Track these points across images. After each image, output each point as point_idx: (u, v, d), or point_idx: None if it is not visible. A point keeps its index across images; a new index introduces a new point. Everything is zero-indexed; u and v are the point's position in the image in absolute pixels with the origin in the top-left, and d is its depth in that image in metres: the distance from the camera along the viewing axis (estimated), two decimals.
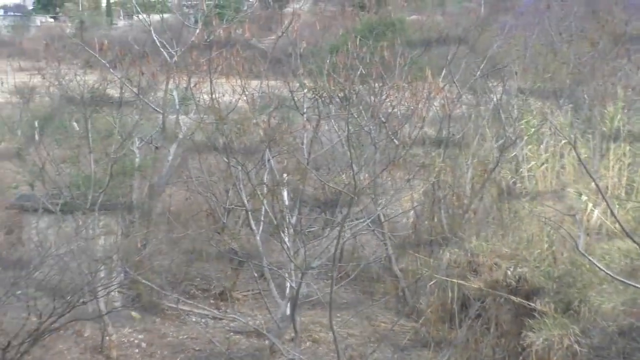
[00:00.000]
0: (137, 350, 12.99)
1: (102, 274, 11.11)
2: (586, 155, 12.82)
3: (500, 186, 13.93)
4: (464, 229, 13.38)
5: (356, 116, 12.09)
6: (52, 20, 71.14)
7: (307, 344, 12.85)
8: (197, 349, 13.12)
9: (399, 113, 12.45)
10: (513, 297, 10.99)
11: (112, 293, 12.38)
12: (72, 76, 14.71)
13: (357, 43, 11.31)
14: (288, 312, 11.56)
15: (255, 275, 12.69)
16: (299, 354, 10.24)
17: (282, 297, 12.27)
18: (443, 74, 14.71)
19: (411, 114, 11.79)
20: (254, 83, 13.89)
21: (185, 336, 13.62)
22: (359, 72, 11.21)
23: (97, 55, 14.39)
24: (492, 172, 13.99)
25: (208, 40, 12.98)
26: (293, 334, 10.76)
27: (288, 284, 11.50)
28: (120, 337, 13.15)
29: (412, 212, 14.92)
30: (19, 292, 9.92)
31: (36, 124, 18.08)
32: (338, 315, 13.25)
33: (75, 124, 15.39)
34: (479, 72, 15.29)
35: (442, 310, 12.55)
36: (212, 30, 14.30)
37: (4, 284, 9.67)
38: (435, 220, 14.87)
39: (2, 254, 12.99)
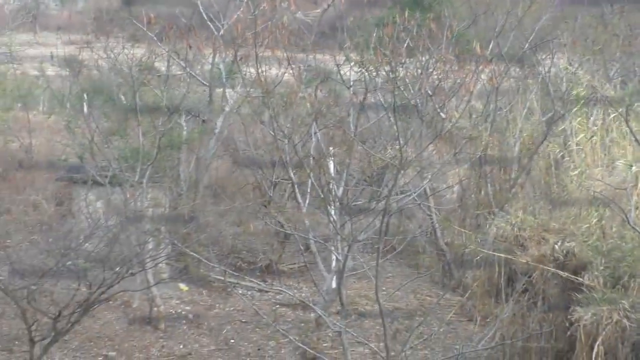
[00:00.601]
0: (184, 322, 13.14)
1: (150, 246, 11.21)
2: (637, 128, 12.60)
3: (548, 160, 13.79)
4: (511, 203, 13.28)
5: (403, 89, 12.00)
6: None
7: (353, 316, 12.88)
8: (243, 320, 13.24)
9: (445, 86, 12.34)
10: (561, 272, 10.86)
11: (160, 265, 12.51)
12: (120, 49, 14.81)
13: (405, 15, 11.19)
14: (334, 285, 11.56)
15: (301, 248, 12.69)
16: (345, 327, 10.22)
17: (328, 270, 12.28)
18: (491, 46, 14.55)
19: (458, 87, 11.67)
20: (300, 56, 13.86)
21: (231, 308, 13.75)
22: (405, 45, 11.10)
23: (144, 29, 14.48)
24: (540, 145, 13.85)
25: (254, 13, 12.96)
26: (339, 307, 10.74)
27: (334, 257, 11.48)
28: (167, 308, 13.30)
29: (458, 186, 14.84)
30: (69, 262, 10.04)
31: (85, 96, 18.23)
32: (384, 288, 13.26)
33: (123, 97, 15.51)
34: (527, 45, 15.10)
35: (488, 285, 12.49)
36: (258, 3, 14.29)
37: (55, 255, 9.79)
38: (482, 194, 14.78)
39: (52, 226, 13.20)
